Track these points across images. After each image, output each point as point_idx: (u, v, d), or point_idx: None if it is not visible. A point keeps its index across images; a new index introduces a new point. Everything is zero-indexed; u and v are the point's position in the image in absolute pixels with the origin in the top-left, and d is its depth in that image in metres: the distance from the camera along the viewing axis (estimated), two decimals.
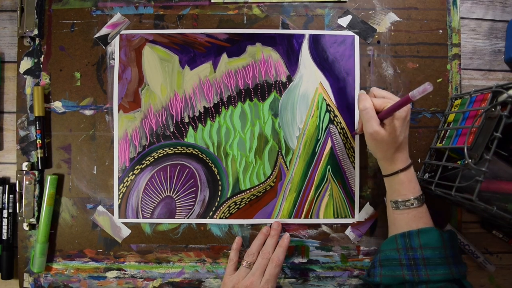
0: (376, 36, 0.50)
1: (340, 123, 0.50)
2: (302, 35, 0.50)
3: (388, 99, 0.42)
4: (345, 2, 0.50)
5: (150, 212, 0.49)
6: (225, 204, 0.49)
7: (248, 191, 0.49)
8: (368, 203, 0.50)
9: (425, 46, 0.50)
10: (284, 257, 0.46)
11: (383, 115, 0.41)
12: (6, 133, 0.51)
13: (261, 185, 0.49)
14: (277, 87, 0.50)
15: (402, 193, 0.42)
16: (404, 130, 0.41)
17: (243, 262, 0.46)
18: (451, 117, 0.46)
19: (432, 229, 0.41)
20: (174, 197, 0.49)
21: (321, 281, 0.49)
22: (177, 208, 0.49)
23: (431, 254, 0.39)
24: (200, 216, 0.49)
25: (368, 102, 0.41)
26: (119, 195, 0.49)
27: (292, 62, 0.50)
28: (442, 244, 0.39)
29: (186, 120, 0.50)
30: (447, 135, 0.44)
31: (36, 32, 0.50)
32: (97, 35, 0.50)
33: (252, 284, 0.43)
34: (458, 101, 0.46)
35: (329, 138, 0.50)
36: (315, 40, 0.50)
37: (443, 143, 0.44)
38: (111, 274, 0.49)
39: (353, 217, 0.49)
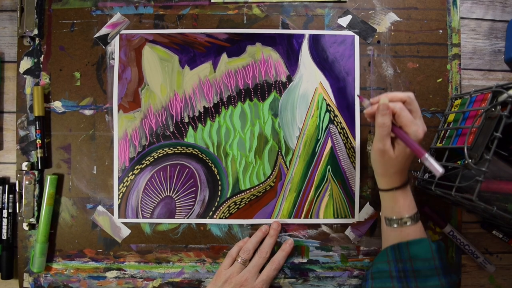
0: (376, 36, 0.50)
1: (340, 123, 0.50)
2: (302, 35, 0.50)
3: (411, 111, 0.39)
4: (345, 2, 0.50)
5: (150, 212, 0.49)
6: (225, 204, 0.49)
7: (248, 191, 0.49)
8: (368, 203, 0.49)
9: (425, 46, 0.50)
10: (284, 263, 0.47)
11: (397, 134, 0.39)
12: (6, 133, 0.51)
13: (261, 185, 0.49)
14: (277, 87, 0.50)
15: (396, 210, 0.41)
16: (411, 158, 0.40)
17: (238, 258, 0.46)
18: (451, 117, 0.46)
19: (422, 240, 0.40)
20: (174, 197, 0.49)
21: (321, 281, 0.49)
22: (177, 208, 0.49)
23: (421, 265, 0.38)
24: (200, 216, 0.49)
25: (388, 119, 0.38)
26: (119, 195, 0.49)
27: (292, 62, 0.50)
28: (431, 256, 0.38)
29: (186, 120, 0.50)
30: (447, 135, 0.44)
31: (36, 32, 0.50)
32: (97, 35, 0.50)
33: (247, 281, 0.43)
34: (458, 101, 0.46)
35: (329, 138, 0.49)
36: (315, 40, 0.50)
37: (443, 143, 0.44)
38: (111, 274, 0.49)
39: (353, 217, 0.49)
